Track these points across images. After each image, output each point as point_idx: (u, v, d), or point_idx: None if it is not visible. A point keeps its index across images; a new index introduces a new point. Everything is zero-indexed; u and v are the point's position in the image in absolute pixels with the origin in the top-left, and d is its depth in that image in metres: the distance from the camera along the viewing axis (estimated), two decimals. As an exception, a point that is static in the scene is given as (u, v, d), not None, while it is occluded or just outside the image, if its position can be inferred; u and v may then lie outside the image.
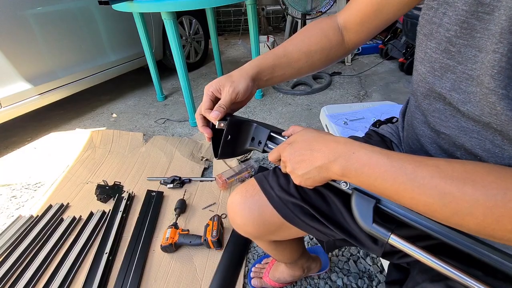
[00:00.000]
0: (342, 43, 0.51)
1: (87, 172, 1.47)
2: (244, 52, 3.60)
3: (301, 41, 0.51)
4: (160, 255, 1.01)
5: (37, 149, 1.74)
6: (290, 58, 0.49)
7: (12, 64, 1.61)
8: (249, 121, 0.49)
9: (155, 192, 1.27)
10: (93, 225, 1.13)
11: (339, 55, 0.53)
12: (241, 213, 0.52)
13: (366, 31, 0.49)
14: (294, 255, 0.73)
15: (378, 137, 0.58)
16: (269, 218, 0.51)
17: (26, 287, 0.92)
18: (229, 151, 0.48)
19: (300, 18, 2.20)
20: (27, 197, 1.37)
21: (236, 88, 0.45)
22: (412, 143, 0.47)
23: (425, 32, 0.38)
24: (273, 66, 0.49)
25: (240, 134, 0.49)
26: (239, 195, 0.54)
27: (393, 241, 0.35)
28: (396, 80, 2.33)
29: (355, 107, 1.02)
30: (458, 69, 0.34)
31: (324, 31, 0.50)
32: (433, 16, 0.36)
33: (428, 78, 0.38)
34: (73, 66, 1.94)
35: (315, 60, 0.51)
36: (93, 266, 0.96)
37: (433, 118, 0.40)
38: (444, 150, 0.40)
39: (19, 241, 1.08)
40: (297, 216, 0.49)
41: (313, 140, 0.39)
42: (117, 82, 2.66)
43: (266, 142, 0.47)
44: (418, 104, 0.44)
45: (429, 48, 0.37)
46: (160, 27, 2.42)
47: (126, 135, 1.72)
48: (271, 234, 0.55)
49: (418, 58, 0.41)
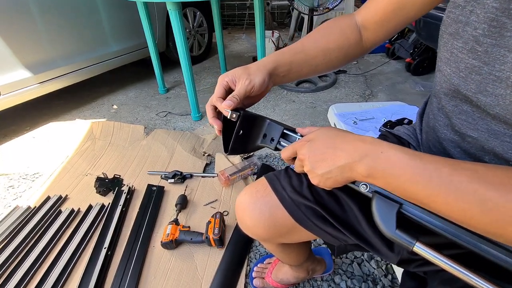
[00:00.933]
0: (360, 42, 0.50)
1: (86, 164, 1.44)
2: (248, 47, 3.56)
3: (319, 38, 0.49)
4: (160, 252, 0.99)
5: (36, 139, 1.71)
6: (307, 54, 0.48)
7: (12, 51, 1.57)
8: (262, 116, 0.47)
9: (156, 186, 1.25)
10: (92, 218, 1.11)
11: (357, 54, 0.51)
12: (251, 214, 0.50)
13: (385, 31, 0.48)
14: (300, 258, 0.71)
15: (395, 139, 0.56)
16: (280, 220, 0.48)
17: (23, 279, 0.90)
18: (240, 147, 0.46)
19: (307, 14, 2.16)
20: (25, 188, 1.35)
21: (253, 81, 0.43)
22: (433, 146, 0.45)
23: (451, 32, 0.36)
24: (290, 62, 0.47)
25: (252, 129, 0.46)
26: (248, 195, 0.51)
27: (418, 249, 0.32)
28: (403, 81, 2.30)
29: (364, 107, 1.00)
30: (484, 70, 0.32)
31: (342, 29, 0.49)
32: (459, 15, 0.34)
33: (453, 79, 0.36)
34: (74, 55, 1.90)
35: (332, 58, 0.49)
36: (91, 260, 0.94)
37: (459, 121, 0.38)
38: (470, 154, 0.38)
39: (16, 232, 1.06)
40: (310, 219, 0.46)
41: (336, 138, 0.37)
42: (117, 73, 2.61)
43: (279, 140, 0.45)
44: (441, 106, 0.41)
45: (455, 48, 0.35)
46: (163, 18, 2.37)
47: (127, 127, 1.69)
48: (281, 237, 0.52)
49: (443, 59, 0.38)
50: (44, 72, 1.73)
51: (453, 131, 0.39)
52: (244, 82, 0.43)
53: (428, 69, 2.36)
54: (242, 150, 0.47)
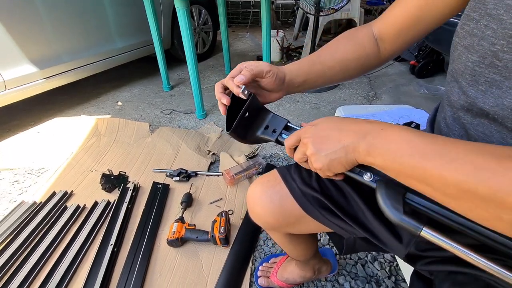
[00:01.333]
0: (378, 53, 0.50)
1: (91, 160, 1.45)
2: (252, 46, 3.55)
3: (336, 49, 0.50)
4: (165, 249, 1.00)
5: (41, 134, 1.71)
6: (324, 65, 0.49)
7: (18, 45, 1.57)
8: (267, 109, 0.48)
9: (161, 184, 1.25)
10: (98, 214, 1.12)
11: (374, 65, 0.52)
12: (261, 202, 0.52)
13: (402, 42, 0.48)
14: (307, 252, 0.72)
15: None
16: (289, 209, 0.51)
17: (30, 274, 0.91)
18: (242, 131, 0.45)
19: (313, 14, 2.15)
20: (30, 183, 1.35)
21: (268, 66, 0.44)
22: None
23: (466, 44, 0.36)
24: (308, 73, 0.48)
25: (256, 118, 0.46)
26: (260, 185, 0.54)
27: (426, 234, 0.31)
28: (406, 83, 2.31)
29: (371, 109, 1.00)
30: (505, 85, 0.32)
31: (359, 40, 0.50)
32: (474, 28, 0.34)
33: (469, 91, 0.36)
34: (79, 51, 1.90)
35: (349, 68, 0.50)
36: (97, 257, 0.95)
37: (476, 132, 0.38)
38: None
39: (23, 227, 1.06)
40: (317, 209, 0.49)
41: (343, 121, 0.37)
42: (122, 70, 2.62)
43: (282, 131, 0.45)
44: (457, 117, 0.42)
45: (470, 61, 0.35)
46: (169, 15, 2.37)
47: (132, 124, 1.69)
48: (289, 226, 0.54)
49: (457, 71, 0.38)
50: (49, 67, 1.73)
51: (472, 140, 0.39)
52: (260, 63, 0.44)
53: (432, 72, 2.36)
54: (243, 135, 0.46)
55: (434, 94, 2.07)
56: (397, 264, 0.95)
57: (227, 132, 0.43)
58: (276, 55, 2.88)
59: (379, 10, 3.09)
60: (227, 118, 0.45)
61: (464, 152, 0.26)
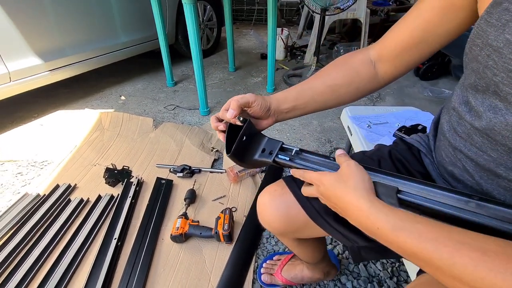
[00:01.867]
0: (375, 77, 0.50)
1: (95, 154, 1.45)
2: (256, 43, 3.54)
3: (327, 74, 0.51)
4: (169, 244, 1.00)
5: (44, 126, 1.71)
6: (314, 91, 0.49)
7: (23, 38, 1.56)
8: (262, 134, 0.51)
9: (165, 180, 1.26)
10: (101, 208, 1.12)
11: (371, 89, 0.51)
12: (270, 211, 0.55)
13: (404, 64, 0.48)
14: (316, 255, 0.74)
15: (405, 146, 0.58)
16: (295, 216, 0.53)
17: (33, 267, 0.91)
18: (241, 154, 0.48)
19: (319, 13, 2.15)
20: (33, 175, 1.35)
21: (256, 96, 0.47)
22: (446, 155, 0.45)
23: (473, 67, 0.36)
24: (296, 98, 0.49)
25: (253, 142, 0.49)
26: (268, 195, 0.56)
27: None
28: (411, 85, 2.31)
29: (378, 111, 1.00)
30: (509, 111, 0.33)
31: (352, 65, 0.50)
32: (478, 55, 0.34)
33: (478, 108, 0.37)
34: (84, 44, 1.89)
35: (341, 93, 0.50)
36: (101, 251, 0.95)
37: (481, 139, 0.38)
38: (485, 169, 0.38)
39: (26, 219, 1.07)
40: (322, 216, 0.51)
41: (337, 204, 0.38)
42: (125, 65, 2.61)
43: (277, 152, 0.47)
44: (461, 122, 0.42)
45: (479, 85, 0.36)
46: (174, 11, 2.36)
47: (136, 119, 1.69)
48: (296, 231, 0.58)
49: (472, 86, 0.38)
50: (54, 60, 1.72)
51: (474, 147, 0.39)
52: (246, 95, 0.47)
53: (436, 75, 2.36)
54: (242, 158, 0.49)
55: (438, 97, 2.07)
56: (399, 265, 0.96)
57: (227, 155, 0.46)
58: (281, 53, 2.88)
59: (385, 10, 3.08)
60: (226, 144, 0.48)
61: (474, 265, 0.25)
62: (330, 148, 1.55)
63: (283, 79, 2.39)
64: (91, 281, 0.86)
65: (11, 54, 1.53)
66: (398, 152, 0.56)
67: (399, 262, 0.97)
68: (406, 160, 0.54)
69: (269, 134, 1.47)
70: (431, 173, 0.51)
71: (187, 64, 2.72)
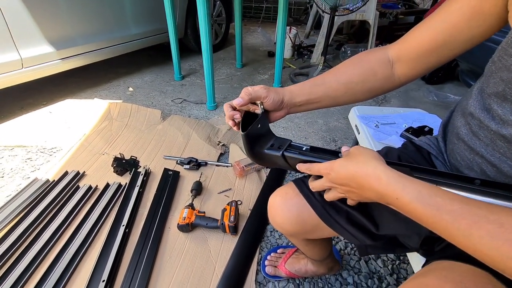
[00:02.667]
0: (391, 77, 0.50)
1: (103, 143, 1.47)
2: (263, 41, 3.55)
3: (342, 72, 0.50)
4: (175, 234, 1.03)
5: (53, 114, 1.73)
6: (328, 87, 0.49)
7: (36, 25, 1.58)
8: (272, 132, 0.52)
9: (172, 171, 1.28)
10: (110, 196, 1.14)
11: (386, 89, 0.51)
12: (281, 213, 0.57)
13: (423, 66, 0.47)
14: (323, 253, 0.76)
15: (414, 148, 0.58)
16: (307, 218, 0.55)
17: (42, 251, 0.93)
18: (253, 140, 0.49)
19: (328, 13, 2.16)
20: (43, 161, 1.38)
21: (269, 92, 0.47)
22: (462, 159, 0.46)
23: (503, 77, 0.36)
24: (309, 93, 0.49)
25: (264, 136, 0.50)
26: (279, 197, 0.58)
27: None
28: (416, 88, 2.32)
29: (386, 111, 1.02)
30: None
31: (370, 64, 0.49)
32: (511, 64, 0.35)
33: (496, 111, 0.38)
34: (95, 34, 1.91)
35: (355, 91, 0.50)
36: (109, 237, 0.97)
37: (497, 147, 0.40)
38: (507, 175, 0.39)
39: (36, 203, 1.09)
40: (332, 217, 0.52)
41: (351, 183, 0.39)
42: (133, 56, 2.63)
43: (286, 147, 0.48)
44: (473, 126, 0.43)
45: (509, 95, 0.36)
46: (185, 4, 2.37)
47: (144, 110, 1.71)
48: (307, 233, 0.59)
49: (498, 97, 0.39)
50: (65, 48, 1.74)
51: (498, 152, 0.40)
52: (258, 89, 0.47)
53: (443, 79, 2.37)
54: (252, 146, 0.50)
55: (443, 101, 2.08)
56: (399, 263, 0.98)
57: (242, 133, 0.46)
58: (288, 51, 2.89)
59: (393, 13, 3.08)
60: (241, 125, 0.49)
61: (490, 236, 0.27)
62: (335, 147, 1.57)
63: (289, 78, 2.41)
64: (100, 265, 0.89)
65: (24, 42, 1.55)
66: (408, 155, 0.56)
67: (399, 260, 0.99)
68: (416, 162, 0.54)
69: (274, 131, 1.49)
70: None
71: (195, 59, 2.73)
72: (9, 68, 1.53)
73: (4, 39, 1.47)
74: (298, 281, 0.90)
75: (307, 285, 0.90)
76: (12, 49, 1.51)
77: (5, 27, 1.46)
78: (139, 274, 0.88)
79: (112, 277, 0.87)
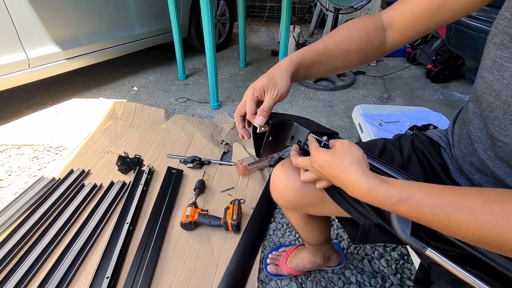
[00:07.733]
0: (383, 44, 0.50)
1: (108, 142, 1.49)
2: (267, 40, 3.55)
3: (341, 39, 0.50)
4: (178, 232, 1.03)
5: (59, 113, 1.75)
6: (329, 56, 0.49)
7: (43, 25, 1.60)
8: (290, 120, 0.50)
9: (175, 169, 1.29)
10: (114, 194, 1.15)
11: (377, 56, 0.52)
12: (285, 181, 0.54)
13: (415, 31, 0.47)
14: (321, 236, 0.73)
15: (426, 138, 0.58)
16: (311, 189, 0.52)
17: (47, 248, 0.94)
18: (270, 149, 0.50)
19: (333, 11, 2.14)
20: (49, 159, 1.40)
21: (280, 90, 0.45)
22: (465, 148, 0.47)
23: (496, 42, 0.37)
24: (312, 63, 0.49)
25: (281, 133, 0.50)
26: (284, 166, 0.56)
27: (430, 253, 0.37)
28: (421, 87, 2.29)
29: (390, 109, 1.01)
30: None
31: (367, 31, 0.49)
32: (505, 26, 0.36)
33: (495, 85, 0.38)
34: (100, 34, 1.93)
35: (352, 59, 0.50)
36: (114, 234, 0.98)
37: (493, 126, 0.40)
38: (499, 157, 0.40)
39: (42, 201, 1.11)
40: (338, 191, 0.50)
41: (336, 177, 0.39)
42: (138, 56, 2.65)
43: (306, 142, 0.48)
44: (478, 111, 0.43)
45: (499, 57, 0.37)
46: (188, 4, 2.38)
47: (148, 109, 1.72)
48: (309, 206, 0.57)
49: (485, 67, 0.40)
50: (71, 48, 1.77)
51: (487, 134, 0.41)
52: (272, 93, 0.45)
53: (448, 78, 2.34)
54: (272, 151, 0.51)
55: (449, 100, 2.06)
56: (403, 263, 0.97)
57: (258, 158, 0.48)
58: (292, 50, 2.88)
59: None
60: (254, 142, 0.50)
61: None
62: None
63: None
64: (104, 262, 0.90)
65: (31, 42, 1.57)
66: (420, 142, 0.56)
67: (403, 260, 0.98)
68: (427, 151, 0.54)
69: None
70: (448, 166, 0.52)
71: (198, 58, 2.74)
72: (16, 68, 1.55)
73: (11, 40, 1.50)
74: (300, 279, 0.90)
75: (310, 284, 0.90)
76: (19, 50, 1.54)
77: (12, 27, 1.48)
78: (143, 271, 0.88)
79: (116, 274, 0.88)
